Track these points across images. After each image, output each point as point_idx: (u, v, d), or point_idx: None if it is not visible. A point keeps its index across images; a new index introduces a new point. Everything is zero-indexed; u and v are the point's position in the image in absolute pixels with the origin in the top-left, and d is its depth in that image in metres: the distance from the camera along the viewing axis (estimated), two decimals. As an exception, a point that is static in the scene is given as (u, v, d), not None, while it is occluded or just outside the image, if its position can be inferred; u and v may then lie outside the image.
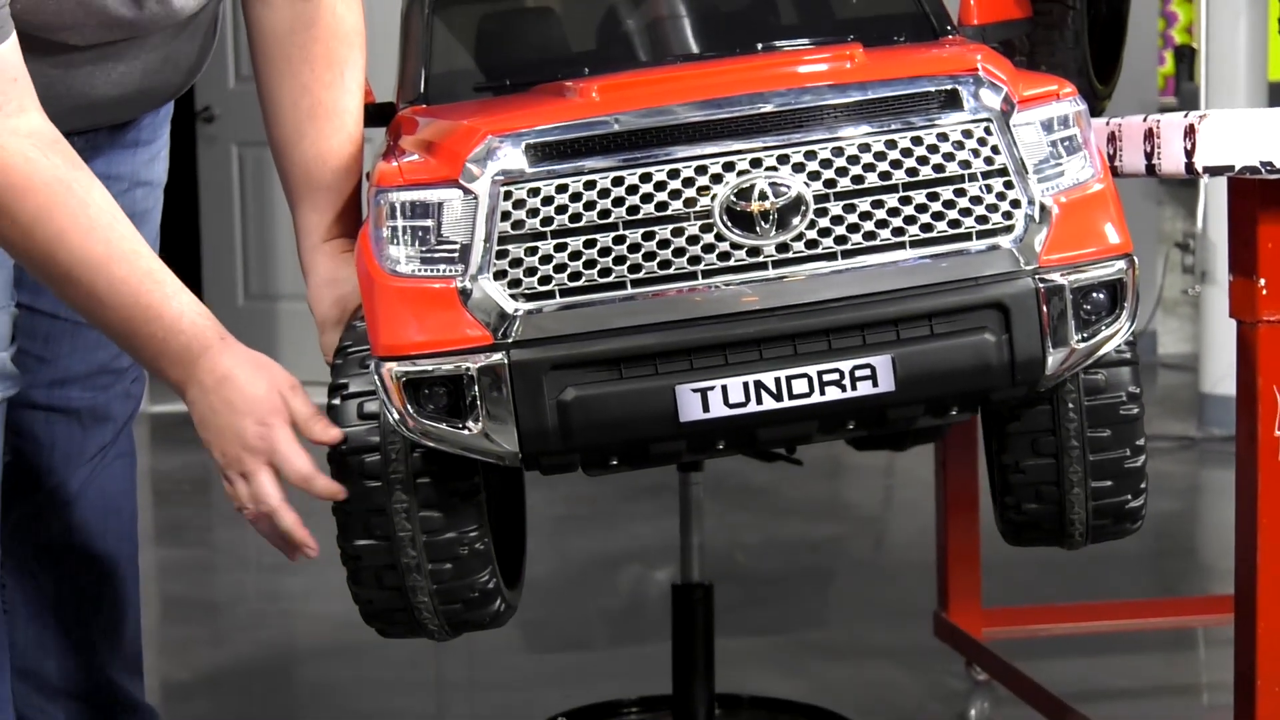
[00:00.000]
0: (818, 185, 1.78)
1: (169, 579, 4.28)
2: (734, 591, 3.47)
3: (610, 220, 1.76)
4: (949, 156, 1.80)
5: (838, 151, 1.78)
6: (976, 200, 1.80)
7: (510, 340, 1.76)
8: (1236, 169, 1.94)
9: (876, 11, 2.21)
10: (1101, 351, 1.86)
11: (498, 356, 1.76)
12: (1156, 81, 7.69)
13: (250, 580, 4.27)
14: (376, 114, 2.17)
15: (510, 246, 1.77)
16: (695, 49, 2.18)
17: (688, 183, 1.77)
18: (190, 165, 7.38)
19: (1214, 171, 1.95)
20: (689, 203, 1.76)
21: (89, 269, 1.88)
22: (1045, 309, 1.80)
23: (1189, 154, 1.96)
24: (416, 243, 1.80)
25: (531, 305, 1.76)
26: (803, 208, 1.77)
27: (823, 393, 1.78)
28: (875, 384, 1.78)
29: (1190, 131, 1.96)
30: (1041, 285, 1.80)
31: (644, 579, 4.27)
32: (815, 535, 4.63)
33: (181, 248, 7.36)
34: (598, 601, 4.00)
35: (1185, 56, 7.37)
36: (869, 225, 1.78)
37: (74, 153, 1.92)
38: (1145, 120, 2.05)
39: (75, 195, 1.88)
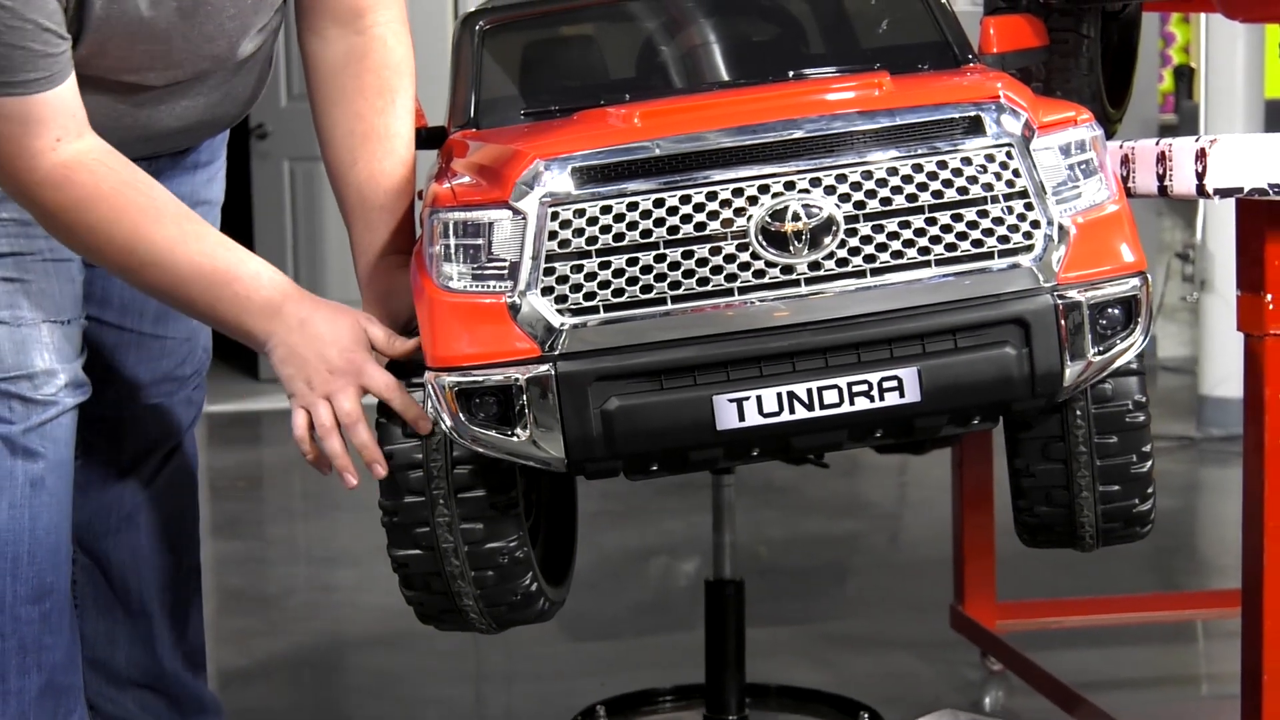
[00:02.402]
0: (848, 207, 1.77)
1: (225, 572, 4.28)
2: (759, 585, 3.45)
3: (651, 240, 1.76)
4: (972, 179, 1.80)
5: (867, 175, 1.78)
6: (998, 221, 1.80)
7: (557, 353, 1.76)
8: (1246, 191, 1.93)
9: (902, 41, 2.20)
10: (1117, 364, 1.85)
11: (545, 368, 1.76)
12: (1156, 99, 7.65)
13: (302, 573, 4.28)
14: (429, 138, 2.16)
15: (557, 264, 1.76)
16: (730, 77, 2.17)
17: (725, 204, 1.76)
18: (244, 179, 7.39)
19: (1224, 193, 1.94)
20: (726, 223, 1.76)
21: (168, 253, 1.93)
22: (1063, 324, 1.80)
23: (1200, 176, 1.95)
24: (468, 260, 1.80)
25: (577, 320, 1.76)
26: (834, 228, 1.77)
27: (852, 403, 1.77)
28: (902, 395, 1.78)
29: (1201, 155, 1.95)
30: (1060, 302, 1.79)
31: (675, 572, 4.27)
32: (836, 532, 4.62)
33: (235, 257, 7.38)
34: (631, 594, 3.99)
35: (1184, 75, 7.34)
36: (896, 244, 1.78)
37: (126, 159, 1.96)
38: (1158, 144, 2.04)
39: (140, 192, 1.94)
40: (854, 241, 1.77)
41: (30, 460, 2.10)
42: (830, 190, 1.77)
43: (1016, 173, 1.81)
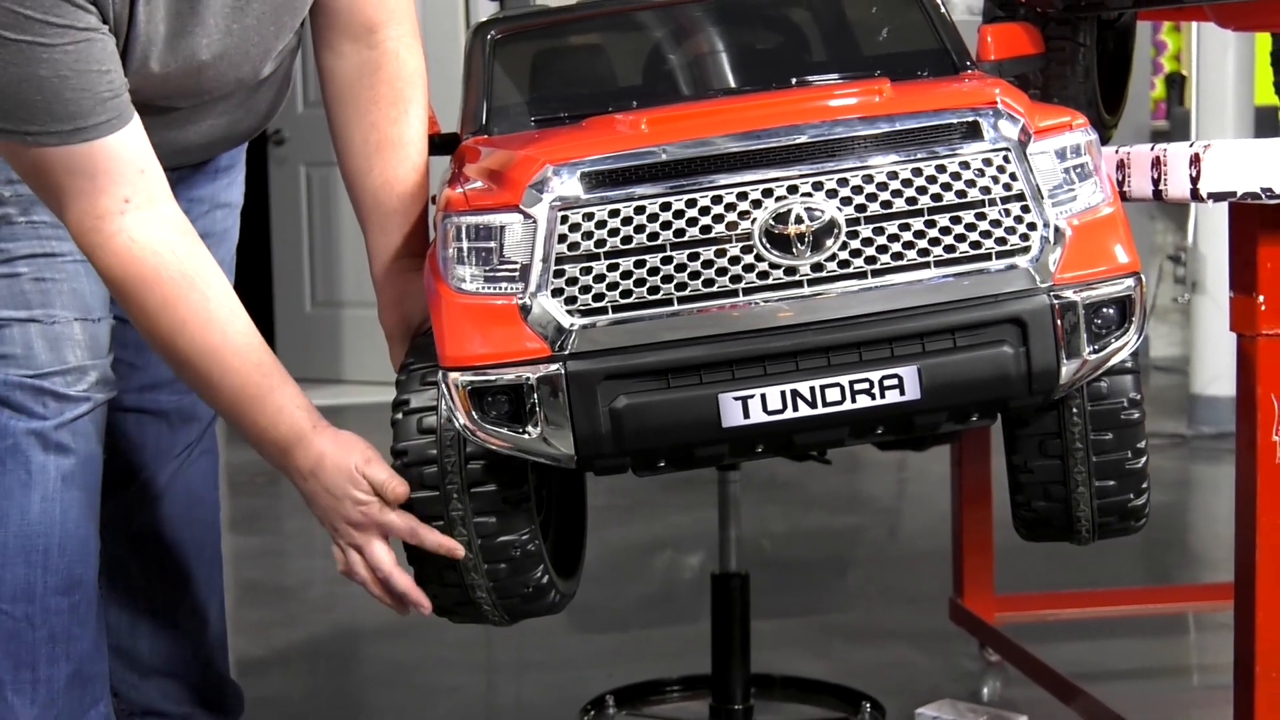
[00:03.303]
0: (849, 210, 1.77)
1: (244, 565, 4.28)
2: (763, 578, 3.45)
3: (659, 242, 1.76)
4: (970, 183, 1.79)
5: (868, 179, 1.78)
6: (996, 223, 1.79)
7: (567, 352, 1.76)
8: (1239, 194, 1.93)
9: (901, 48, 2.20)
10: (1112, 362, 1.84)
11: (555, 367, 1.75)
12: (1148, 106, 7.64)
13: (319, 566, 4.27)
14: (442, 144, 2.17)
15: (566, 266, 1.76)
16: (734, 84, 2.17)
17: (729, 208, 1.76)
18: (262, 184, 7.40)
19: (1218, 197, 1.93)
20: (731, 226, 1.76)
21: (204, 357, 1.91)
22: (1060, 324, 1.79)
23: (1194, 180, 1.95)
24: (480, 263, 1.79)
25: (586, 320, 1.76)
26: (835, 230, 1.76)
27: (854, 401, 1.77)
28: (902, 393, 1.77)
29: (1195, 160, 1.94)
30: (1056, 302, 1.79)
31: (681, 565, 4.26)
32: (837, 526, 4.62)
33: (254, 259, 7.40)
34: (638, 586, 3.99)
35: (1175, 82, 7.33)
36: (896, 246, 1.78)
37: (199, 245, 1.95)
38: (1153, 149, 2.03)
39: (198, 290, 1.91)
40: (855, 243, 1.77)
41: (62, 455, 2.10)
42: (832, 194, 1.77)
43: (1013, 176, 1.80)
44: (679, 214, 1.76)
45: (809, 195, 1.76)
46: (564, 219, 1.76)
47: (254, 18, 2.00)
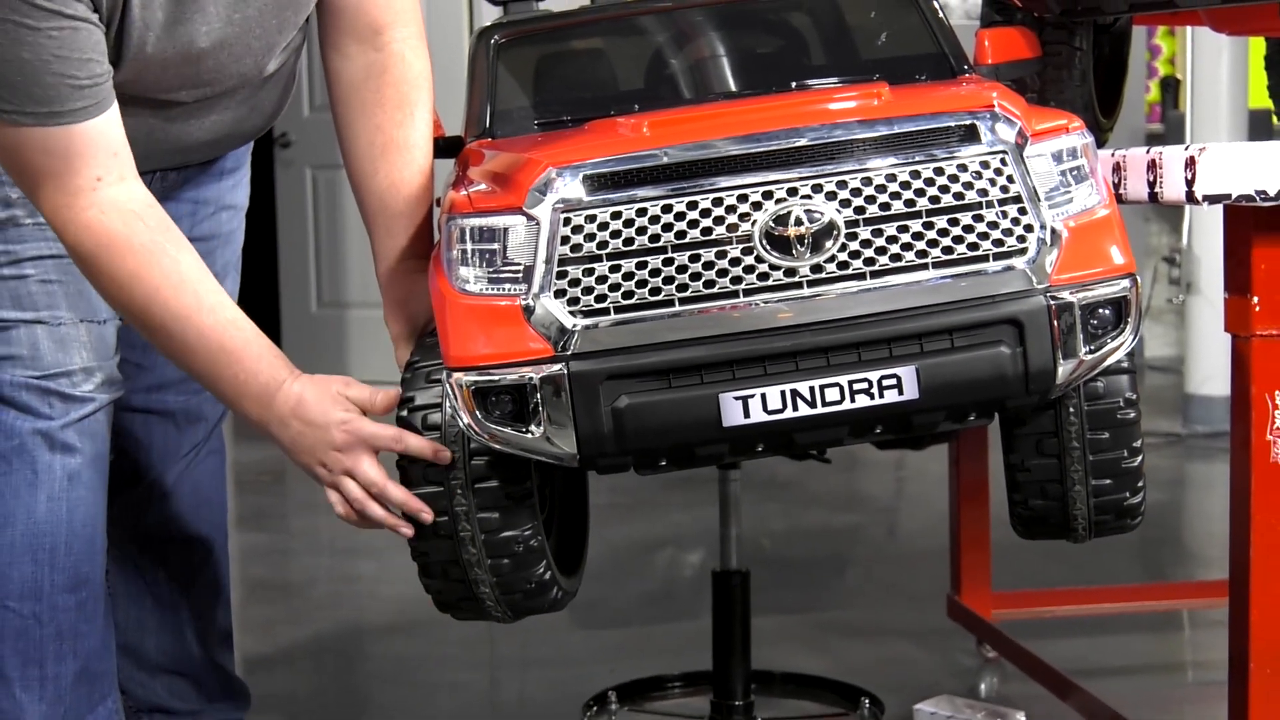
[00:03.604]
0: (848, 212, 1.77)
1: (250, 563, 4.28)
2: (763, 575, 3.45)
3: (660, 244, 1.76)
4: (968, 185, 1.79)
5: (866, 181, 1.78)
6: (993, 225, 1.79)
7: (569, 353, 1.76)
8: (1233, 197, 1.93)
9: (900, 52, 2.20)
10: (1107, 362, 1.84)
11: (558, 367, 1.75)
12: (1143, 109, 7.64)
13: (324, 564, 4.27)
14: (446, 147, 2.16)
15: (569, 268, 1.76)
16: (735, 87, 2.17)
17: (730, 210, 1.76)
18: (269, 186, 7.40)
19: (1213, 200, 1.93)
20: (731, 228, 1.76)
21: (179, 320, 1.91)
22: (1056, 324, 1.79)
23: (1189, 183, 1.95)
24: (484, 264, 1.79)
25: (588, 321, 1.76)
26: (835, 232, 1.76)
27: (853, 400, 1.77)
28: (901, 392, 1.77)
29: (1190, 163, 1.94)
30: (1053, 302, 1.79)
31: (681, 563, 4.26)
32: (837, 524, 4.61)
33: (261, 261, 7.39)
34: (640, 584, 3.98)
35: (1170, 86, 7.32)
36: (895, 248, 1.78)
37: (166, 216, 1.95)
38: (1148, 152, 2.03)
39: (168, 255, 1.91)
40: (854, 245, 1.77)
41: (68, 455, 2.10)
42: (831, 196, 1.77)
43: (1010, 179, 1.80)
44: (680, 216, 1.76)
45: (809, 197, 1.76)
46: (567, 221, 1.76)
47: (256, 9, 2.00)
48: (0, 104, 1.82)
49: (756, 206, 1.76)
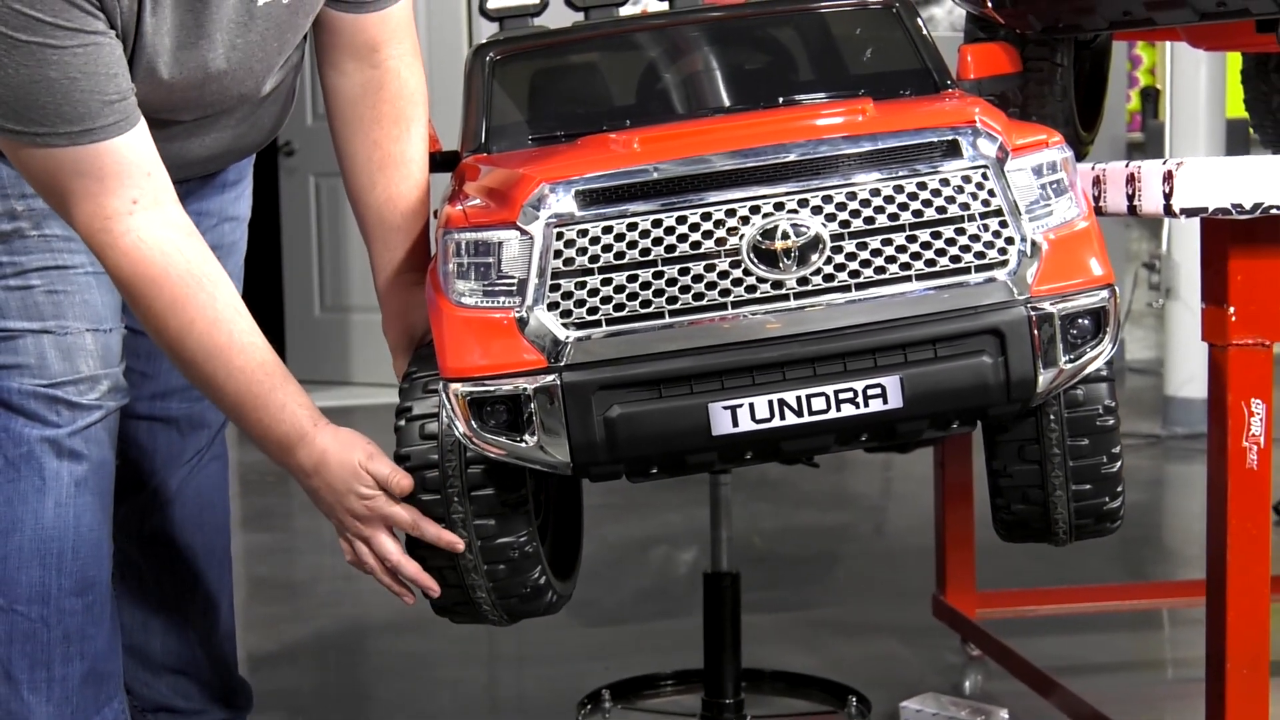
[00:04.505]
0: (834, 226, 1.77)
1: (255, 561, 4.27)
2: (753, 573, 3.44)
3: (650, 257, 1.75)
4: (950, 199, 1.79)
5: (851, 196, 1.77)
6: (975, 238, 1.79)
7: (562, 364, 1.75)
8: (1210, 210, 1.93)
9: (884, 68, 2.20)
10: (1087, 371, 1.84)
11: (551, 378, 1.75)
12: (1124, 118, 7.64)
13: (327, 562, 4.27)
14: (443, 161, 2.16)
15: (562, 281, 1.76)
16: (724, 103, 2.16)
17: (719, 224, 1.76)
18: (273, 194, 7.40)
19: (1190, 213, 1.93)
20: (720, 242, 1.76)
21: (211, 356, 1.90)
22: (1037, 334, 1.79)
23: (1167, 197, 1.95)
24: (479, 277, 1.79)
25: (581, 333, 1.75)
26: (821, 246, 1.76)
27: (839, 409, 1.77)
28: (885, 401, 1.77)
29: (1168, 177, 1.94)
30: (1033, 313, 1.79)
31: (674, 562, 4.26)
32: (825, 523, 4.61)
33: (265, 266, 7.39)
34: (634, 583, 3.98)
35: (1150, 96, 7.32)
36: (879, 261, 1.77)
37: (205, 247, 1.93)
38: (1127, 166, 2.03)
39: (205, 290, 1.90)
40: (840, 258, 1.77)
41: (75, 461, 2.10)
42: (817, 210, 1.76)
43: (992, 192, 1.80)
44: (670, 230, 1.75)
45: (795, 212, 1.76)
46: (559, 235, 1.76)
47: (258, 34, 1.99)
48: (32, 128, 1.81)
49: (744, 221, 1.75)
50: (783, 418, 1.76)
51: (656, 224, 1.75)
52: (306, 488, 1.95)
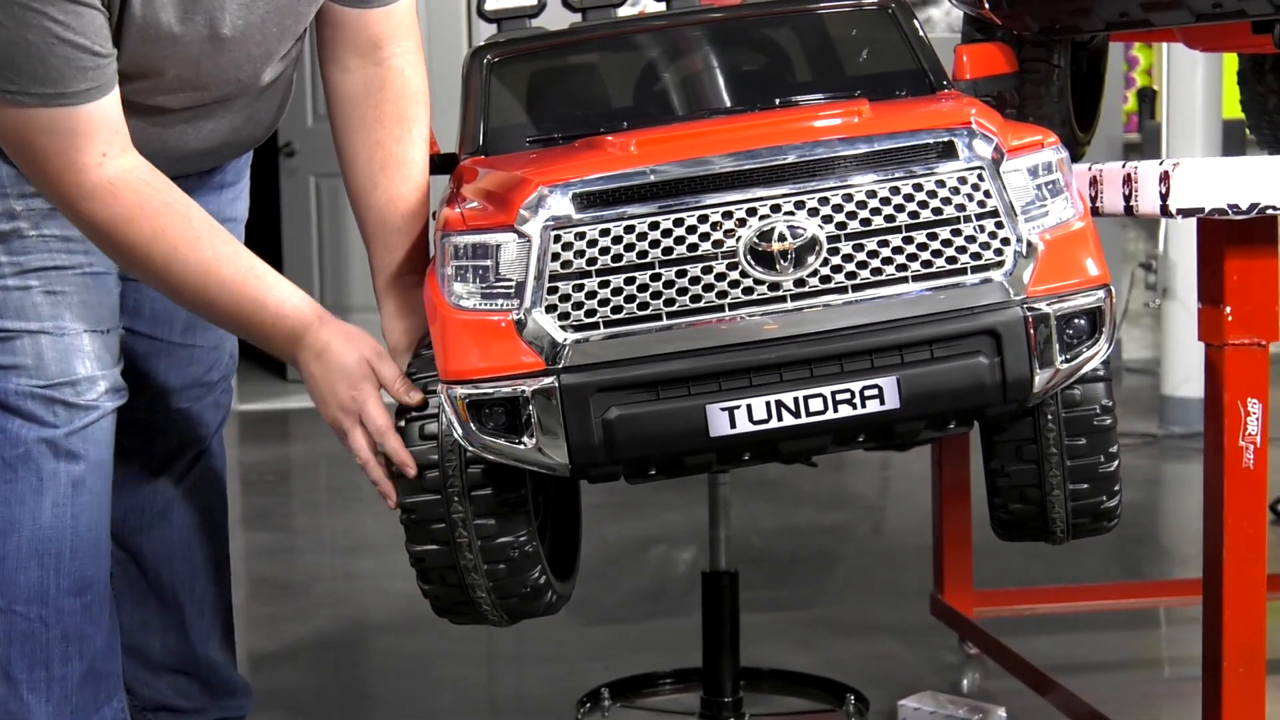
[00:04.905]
0: (830, 227, 1.77)
1: (255, 561, 4.27)
2: (751, 572, 3.44)
3: (648, 260, 1.75)
4: (946, 200, 1.79)
5: (848, 197, 1.77)
6: (971, 239, 1.79)
7: (561, 366, 1.75)
8: (1207, 211, 1.93)
9: (881, 69, 2.19)
10: (1083, 371, 1.84)
11: (550, 380, 1.75)
12: (1121, 119, 7.63)
13: (327, 562, 4.27)
14: (441, 164, 2.16)
15: (560, 283, 1.76)
16: (720, 104, 2.16)
17: (715, 226, 1.76)
18: (274, 194, 7.39)
19: (1186, 213, 1.93)
20: (717, 244, 1.75)
21: (201, 274, 1.92)
22: (1033, 335, 1.79)
23: (1164, 197, 1.94)
24: (477, 280, 1.79)
25: (579, 335, 1.75)
26: (817, 247, 1.76)
27: (836, 410, 1.76)
28: (882, 402, 1.77)
29: (1165, 177, 1.94)
30: (1029, 314, 1.79)
31: (673, 561, 4.26)
32: (824, 522, 4.61)
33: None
34: (633, 581, 3.98)
35: (1147, 97, 7.32)
36: (876, 262, 1.77)
37: (165, 178, 1.95)
38: (1124, 166, 2.03)
39: (179, 213, 1.92)
40: (836, 260, 1.76)
41: (72, 462, 2.10)
42: (814, 212, 1.76)
43: (988, 193, 1.80)
44: (667, 232, 1.75)
45: (792, 214, 1.76)
46: (557, 238, 1.76)
47: (258, 15, 1.99)
48: (6, 84, 1.82)
49: (741, 223, 1.75)
50: (780, 419, 1.76)
51: (654, 226, 1.75)
52: (308, 376, 1.97)
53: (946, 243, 1.78)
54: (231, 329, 2.00)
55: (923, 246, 1.78)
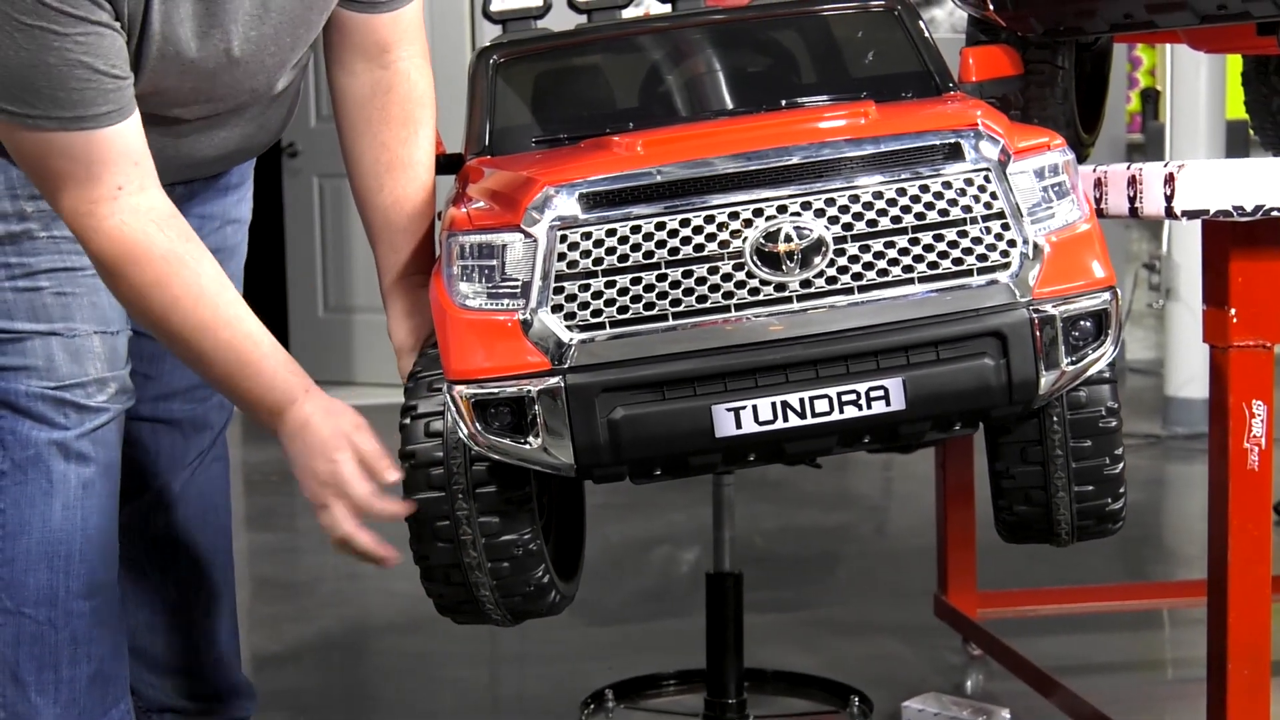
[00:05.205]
0: (837, 229, 1.76)
1: (258, 561, 4.27)
2: (755, 573, 3.44)
3: (654, 260, 1.75)
4: (952, 202, 1.79)
5: (854, 198, 1.77)
6: (977, 241, 1.79)
7: (566, 366, 1.75)
8: (1211, 212, 1.92)
9: (887, 70, 2.19)
10: (1089, 373, 1.84)
11: (555, 380, 1.75)
12: (1124, 119, 7.63)
13: (330, 562, 4.26)
14: (447, 164, 2.16)
15: (566, 283, 1.76)
16: (726, 105, 2.16)
17: (722, 227, 1.75)
18: (277, 194, 7.39)
19: (1191, 215, 1.93)
20: (723, 245, 1.75)
21: (196, 331, 1.89)
22: (1039, 336, 1.79)
23: (1169, 199, 1.94)
24: (483, 280, 1.79)
25: (585, 335, 1.75)
26: (823, 248, 1.76)
27: (842, 411, 1.76)
28: (888, 403, 1.77)
29: (1170, 179, 1.94)
30: (1035, 315, 1.78)
31: (677, 561, 4.26)
32: (827, 523, 4.61)
33: (269, 267, 7.39)
34: (636, 581, 3.98)
35: (1150, 97, 7.31)
36: (882, 263, 1.77)
37: (187, 226, 1.93)
38: (1129, 169, 2.03)
39: (188, 266, 1.89)
40: (843, 261, 1.76)
41: (82, 464, 2.10)
42: (820, 213, 1.76)
43: (994, 195, 1.79)
44: (673, 233, 1.75)
45: (798, 215, 1.76)
46: (563, 238, 1.76)
47: (272, 27, 1.98)
48: (25, 109, 1.81)
49: (748, 224, 1.75)
50: (786, 420, 1.76)
51: (660, 226, 1.75)
52: (289, 452, 1.93)
53: (953, 244, 1.78)
54: (219, 389, 1.97)
55: (929, 248, 1.78)
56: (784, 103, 2.10)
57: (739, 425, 1.75)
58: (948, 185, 1.79)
